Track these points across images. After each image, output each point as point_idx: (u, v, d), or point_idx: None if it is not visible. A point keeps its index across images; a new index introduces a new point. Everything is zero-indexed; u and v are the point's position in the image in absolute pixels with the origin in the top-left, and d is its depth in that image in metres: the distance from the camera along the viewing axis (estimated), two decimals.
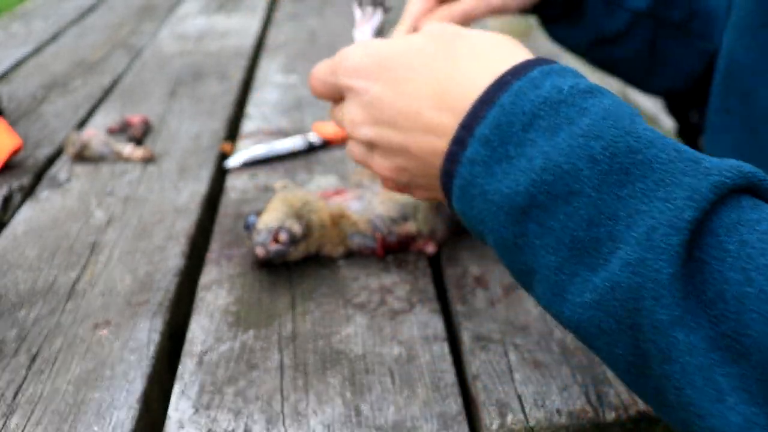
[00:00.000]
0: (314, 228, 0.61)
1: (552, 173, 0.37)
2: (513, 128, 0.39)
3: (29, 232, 0.72)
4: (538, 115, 0.39)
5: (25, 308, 0.60)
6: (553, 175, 0.37)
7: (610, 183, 0.36)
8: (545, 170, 0.37)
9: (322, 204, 0.63)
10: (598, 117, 0.37)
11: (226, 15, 1.56)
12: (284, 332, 0.56)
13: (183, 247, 0.68)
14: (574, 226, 0.37)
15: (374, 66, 0.47)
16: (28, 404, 0.49)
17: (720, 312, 0.32)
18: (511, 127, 0.39)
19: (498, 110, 0.40)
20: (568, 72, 0.41)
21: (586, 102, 0.39)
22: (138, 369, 0.52)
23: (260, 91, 1.09)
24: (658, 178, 0.35)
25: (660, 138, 0.37)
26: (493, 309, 0.57)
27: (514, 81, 0.40)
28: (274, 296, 0.60)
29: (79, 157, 0.86)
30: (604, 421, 0.46)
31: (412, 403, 0.48)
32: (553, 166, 0.37)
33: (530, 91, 0.39)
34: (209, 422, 0.47)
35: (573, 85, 0.39)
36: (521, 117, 0.39)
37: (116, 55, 1.32)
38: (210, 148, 0.90)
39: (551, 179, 0.37)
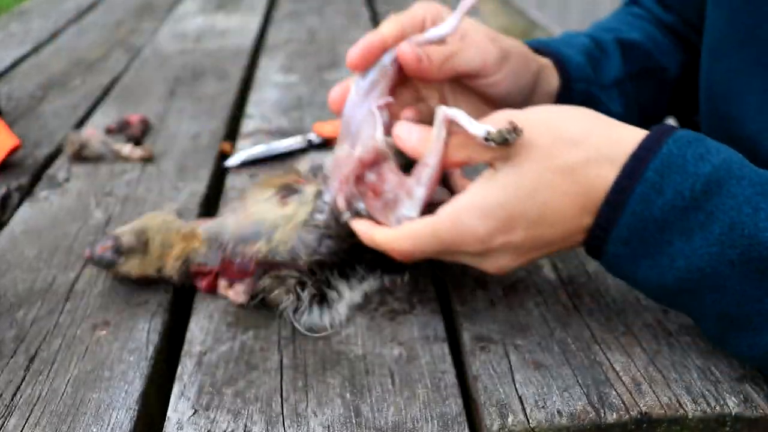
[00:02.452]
0: (153, 247, 0.60)
1: (697, 273, 0.44)
2: (647, 232, 0.45)
3: (28, 232, 0.72)
4: (668, 220, 0.45)
5: (24, 308, 0.60)
6: (698, 275, 0.44)
7: (751, 279, 0.43)
8: (689, 271, 0.44)
9: (177, 227, 0.61)
10: (725, 227, 0.43)
11: (225, 14, 1.56)
12: (284, 332, 0.55)
13: None
14: (723, 307, 0.45)
15: (503, 223, 0.48)
16: (26, 405, 0.49)
17: None
18: (646, 231, 0.45)
19: (630, 216, 0.45)
20: (676, 160, 0.44)
21: (708, 204, 0.44)
22: (137, 370, 0.52)
23: (260, 90, 1.09)
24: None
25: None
26: (493, 309, 0.56)
27: (635, 185, 0.45)
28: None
29: (77, 156, 0.86)
30: (605, 422, 0.45)
31: (412, 404, 0.48)
32: (696, 268, 0.44)
33: (655, 197, 0.45)
34: (208, 423, 0.47)
35: (691, 188, 0.44)
36: (653, 223, 0.45)
37: (115, 54, 1.32)
38: (209, 147, 0.89)
39: (697, 277, 0.44)
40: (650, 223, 0.45)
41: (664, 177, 0.44)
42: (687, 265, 0.45)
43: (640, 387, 0.48)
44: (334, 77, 1.12)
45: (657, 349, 0.51)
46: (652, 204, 0.44)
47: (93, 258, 0.60)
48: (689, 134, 0.46)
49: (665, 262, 0.45)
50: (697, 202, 0.44)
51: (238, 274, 0.58)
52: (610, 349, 0.51)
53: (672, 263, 0.45)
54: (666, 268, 0.45)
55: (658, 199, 0.44)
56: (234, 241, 0.58)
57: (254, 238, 0.57)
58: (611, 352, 0.51)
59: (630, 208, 0.45)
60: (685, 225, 0.44)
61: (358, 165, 0.54)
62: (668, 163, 0.44)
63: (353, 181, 0.54)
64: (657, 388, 0.47)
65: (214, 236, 0.60)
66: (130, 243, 0.60)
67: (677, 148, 0.45)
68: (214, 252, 0.59)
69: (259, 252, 0.57)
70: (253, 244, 0.57)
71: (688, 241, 0.44)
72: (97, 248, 0.60)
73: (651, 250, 0.46)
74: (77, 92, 1.12)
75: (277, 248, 0.57)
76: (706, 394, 0.47)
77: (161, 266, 0.60)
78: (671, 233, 0.45)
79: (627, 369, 0.49)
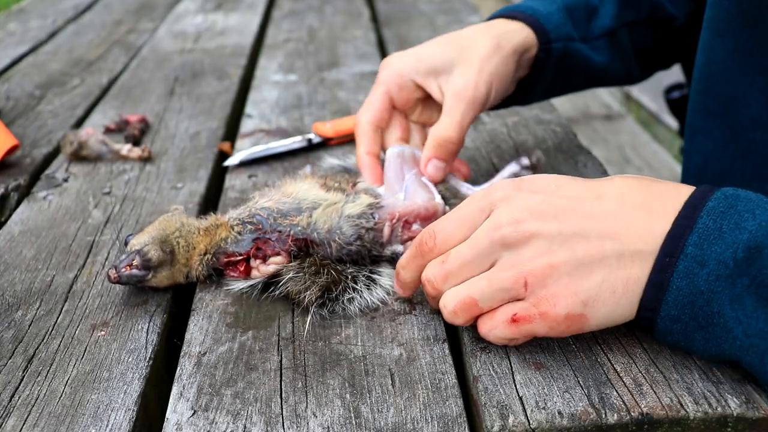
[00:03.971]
0: (179, 253, 0.59)
1: (757, 337, 0.44)
2: (696, 306, 0.45)
3: (26, 232, 0.71)
4: (715, 291, 0.44)
5: (22, 309, 0.59)
6: (759, 338, 0.44)
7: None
8: (748, 336, 0.44)
9: (196, 226, 0.60)
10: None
11: (224, 13, 1.55)
12: (283, 333, 0.55)
13: None
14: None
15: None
16: (24, 406, 0.49)
17: None
18: (694, 305, 0.45)
19: (676, 293, 0.45)
20: (713, 233, 0.45)
21: (752, 269, 0.44)
22: (136, 370, 0.52)
23: (259, 89, 1.09)
24: None
25: None
26: None
27: (677, 262, 0.45)
28: (274, 297, 0.59)
29: (76, 156, 0.86)
30: (606, 423, 0.45)
31: (412, 404, 0.48)
32: (756, 331, 0.44)
33: (698, 270, 0.45)
34: (207, 424, 0.47)
35: (733, 255, 0.44)
36: (701, 296, 0.45)
37: (114, 53, 1.32)
38: (208, 147, 0.89)
39: (757, 342, 0.44)
40: (697, 296, 0.45)
41: (704, 249, 0.45)
42: (744, 330, 0.44)
43: (642, 388, 0.47)
44: (333, 77, 1.12)
45: (658, 349, 0.51)
46: (697, 277, 0.45)
47: (121, 280, 0.57)
48: (722, 202, 0.46)
49: (720, 333, 0.45)
50: (741, 269, 0.44)
51: (272, 251, 0.59)
52: (611, 349, 0.51)
53: (728, 333, 0.45)
54: (722, 339, 0.45)
55: (702, 271, 0.44)
56: (273, 216, 0.59)
57: (295, 213, 0.59)
58: (612, 352, 0.51)
59: (675, 284, 0.45)
60: (734, 293, 0.44)
61: (415, 213, 0.62)
62: (706, 236, 0.45)
63: (402, 222, 0.61)
64: (658, 389, 0.47)
65: (247, 219, 0.59)
66: (159, 256, 0.57)
67: (712, 220, 0.45)
68: (247, 234, 0.59)
69: (298, 225, 0.59)
70: (293, 218, 0.59)
71: (741, 307, 0.44)
72: (121, 268, 0.57)
73: (702, 322, 0.45)
74: (76, 92, 1.12)
75: (316, 224, 0.59)
76: (708, 394, 0.47)
77: (189, 271, 0.60)
78: (720, 303, 0.45)
79: (628, 369, 0.49)
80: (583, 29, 0.75)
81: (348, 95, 1.04)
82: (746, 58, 0.63)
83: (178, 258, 0.59)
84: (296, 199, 0.60)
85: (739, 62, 0.64)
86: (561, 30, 0.72)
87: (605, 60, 0.77)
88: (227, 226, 0.60)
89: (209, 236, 0.60)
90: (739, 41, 0.63)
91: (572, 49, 0.73)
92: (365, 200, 0.61)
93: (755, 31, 0.62)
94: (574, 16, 0.74)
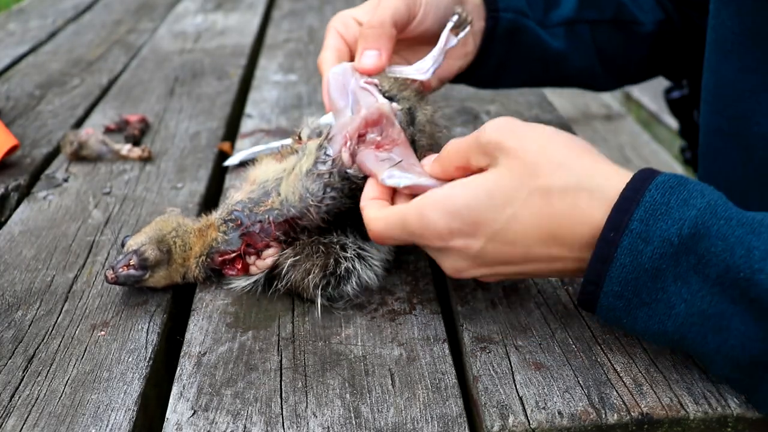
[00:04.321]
0: (176, 253, 0.59)
1: (699, 316, 0.44)
2: (640, 281, 0.45)
3: (26, 232, 0.71)
4: (659, 269, 0.44)
5: (22, 309, 0.59)
6: (700, 318, 0.44)
7: (755, 318, 0.42)
8: (690, 315, 0.44)
9: (191, 226, 0.60)
10: (721, 269, 0.42)
11: (224, 13, 1.55)
12: (283, 333, 0.55)
13: None
14: (728, 350, 0.44)
15: (467, 226, 0.48)
16: (24, 406, 0.49)
17: None
18: (638, 281, 0.45)
19: (619, 269, 0.45)
20: (660, 208, 0.44)
21: (698, 247, 0.43)
22: (136, 370, 0.52)
23: (259, 89, 1.09)
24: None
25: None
26: (494, 310, 0.56)
27: (621, 237, 0.44)
28: (273, 297, 0.59)
29: (76, 156, 0.86)
30: (606, 422, 0.45)
31: (412, 404, 0.48)
32: (698, 311, 0.44)
33: (642, 247, 0.44)
34: (207, 424, 0.47)
35: (678, 233, 0.43)
36: (645, 272, 0.44)
37: (114, 53, 1.32)
38: (208, 147, 0.89)
39: (699, 321, 0.44)
40: (641, 273, 0.44)
41: (649, 225, 0.44)
42: (687, 309, 0.44)
43: (642, 388, 0.47)
44: None
45: (658, 349, 0.51)
46: (641, 254, 0.44)
47: (118, 280, 0.57)
48: (671, 179, 0.45)
49: (662, 310, 0.45)
50: (687, 247, 0.43)
51: (262, 243, 0.59)
52: (611, 349, 0.51)
53: (670, 310, 0.45)
54: (665, 315, 0.45)
55: (646, 249, 0.44)
56: (248, 208, 0.59)
57: (265, 198, 0.59)
58: (612, 352, 0.51)
59: (619, 260, 0.44)
60: (678, 270, 0.44)
61: (363, 123, 0.57)
62: (653, 211, 0.44)
63: (356, 139, 0.57)
64: (658, 389, 0.47)
65: (227, 217, 0.59)
66: (156, 256, 0.58)
67: (660, 194, 0.44)
68: (232, 233, 0.59)
69: (273, 208, 0.58)
70: (265, 203, 0.58)
71: (685, 284, 0.44)
72: (118, 268, 0.57)
73: (646, 299, 0.45)
74: (76, 92, 1.12)
75: (287, 199, 0.58)
76: (708, 394, 0.47)
77: (185, 271, 0.60)
78: (664, 280, 0.44)
79: (628, 369, 0.49)
80: (540, 14, 0.76)
81: None
82: (754, 76, 0.63)
83: (175, 258, 0.59)
84: (260, 183, 0.60)
85: (747, 81, 0.64)
86: (512, 2, 0.73)
87: (562, 47, 0.77)
88: (215, 226, 0.60)
89: (202, 238, 0.60)
90: (745, 60, 0.63)
91: (524, 25, 0.74)
92: (312, 146, 0.59)
93: (760, 49, 0.62)
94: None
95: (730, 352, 0.44)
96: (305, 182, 0.57)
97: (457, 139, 0.51)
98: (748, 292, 0.42)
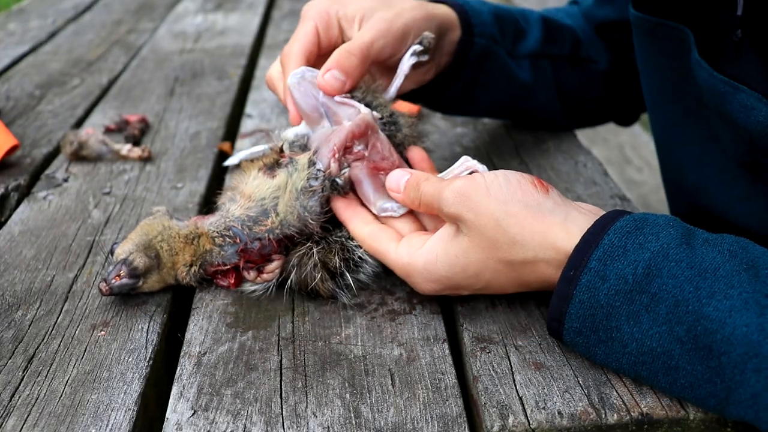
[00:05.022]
0: (164, 257, 0.59)
1: (649, 355, 0.45)
2: (597, 318, 0.47)
3: (26, 232, 0.71)
4: (614, 306, 0.46)
5: (22, 309, 0.59)
6: (650, 357, 0.45)
7: (700, 357, 0.43)
8: (641, 353, 0.45)
9: (176, 230, 0.60)
10: (671, 305, 0.44)
11: (224, 13, 1.55)
12: (283, 333, 0.55)
13: None
14: (679, 390, 0.45)
15: (450, 287, 0.54)
16: (24, 406, 0.49)
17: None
18: (595, 318, 0.47)
19: (578, 306, 0.47)
20: (617, 251, 0.46)
21: (651, 287, 0.45)
22: (136, 370, 0.52)
23: (259, 89, 1.09)
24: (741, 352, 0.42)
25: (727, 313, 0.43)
26: (494, 310, 0.56)
27: (580, 276, 0.47)
28: (273, 297, 0.59)
29: (76, 156, 0.86)
30: (606, 423, 0.45)
31: (412, 404, 0.48)
32: (648, 350, 0.45)
33: (599, 284, 0.46)
34: (207, 424, 0.47)
35: (633, 272, 0.46)
36: (601, 309, 0.46)
37: (114, 53, 1.32)
38: (208, 147, 0.89)
39: (649, 360, 0.45)
40: (597, 309, 0.46)
41: (607, 265, 0.46)
42: (638, 347, 0.45)
43: (642, 388, 0.47)
44: None
45: None
46: (598, 291, 0.46)
47: (113, 291, 0.57)
48: (629, 224, 0.48)
49: (617, 348, 0.47)
50: (640, 286, 0.45)
51: (261, 258, 0.59)
52: None
53: (624, 348, 0.46)
54: (619, 353, 0.47)
55: (603, 286, 0.46)
56: (247, 226, 0.59)
57: (264, 217, 0.59)
58: None
59: (577, 297, 0.47)
60: (632, 309, 0.45)
61: (350, 136, 0.59)
62: (610, 253, 0.46)
63: (342, 151, 0.59)
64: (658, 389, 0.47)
65: (224, 232, 0.59)
66: (145, 263, 0.58)
67: (618, 238, 0.47)
68: (229, 247, 0.59)
69: (272, 228, 0.59)
70: (264, 222, 0.59)
71: (636, 323, 0.45)
72: (111, 280, 0.57)
73: (603, 336, 0.47)
74: (76, 92, 1.12)
75: (286, 219, 0.59)
76: None
77: (176, 274, 0.60)
78: (618, 319, 0.46)
79: None
80: (510, 44, 0.77)
81: None
82: (679, 130, 0.66)
83: (164, 262, 0.59)
84: (257, 201, 0.60)
85: (674, 134, 0.67)
86: (487, 28, 0.73)
87: (528, 79, 0.78)
88: (208, 238, 0.59)
89: (191, 246, 0.59)
90: (669, 115, 0.67)
91: (495, 52, 0.74)
92: (303, 161, 0.60)
93: (678, 105, 0.64)
94: (503, 26, 0.76)
95: (681, 392, 0.45)
96: (302, 200, 0.59)
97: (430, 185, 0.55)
98: (695, 326, 0.43)
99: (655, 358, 0.45)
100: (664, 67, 0.64)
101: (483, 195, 0.51)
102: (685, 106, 0.63)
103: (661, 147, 0.71)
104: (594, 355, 0.48)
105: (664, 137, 0.69)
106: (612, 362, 0.47)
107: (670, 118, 0.66)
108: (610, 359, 0.47)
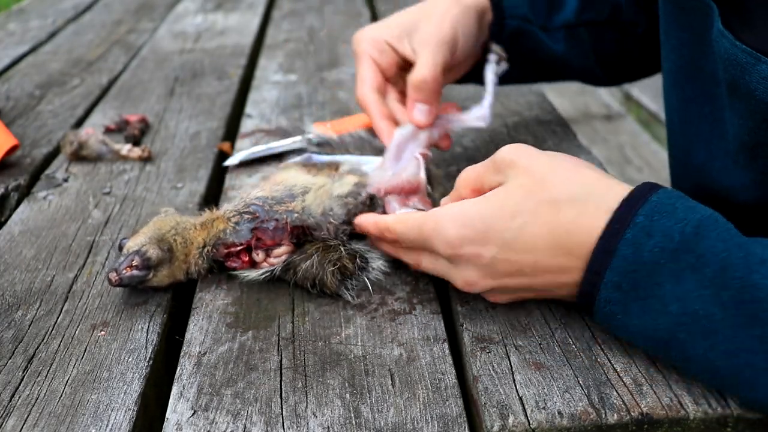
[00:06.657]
0: (177, 250, 0.59)
1: (690, 317, 0.44)
2: (638, 275, 0.46)
3: (26, 232, 0.71)
4: (658, 263, 0.45)
5: (22, 309, 0.59)
6: (691, 318, 0.44)
7: (743, 325, 0.43)
8: (683, 314, 0.44)
9: (191, 223, 0.60)
10: (717, 268, 0.43)
11: (224, 13, 1.55)
12: (283, 333, 0.55)
13: None
14: (715, 356, 0.44)
15: (478, 234, 0.50)
16: (24, 406, 0.49)
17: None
18: (637, 273, 0.46)
19: (621, 260, 0.46)
20: (666, 207, 0.46)
21: (699, 247, 0.44)
22: (136, 370, 0.52)
23: (259, 89, 1.09)
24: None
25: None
26: (494, 310, 0.56)
27: (625, 230, 0.46)
28: (273, 297, 0.59)
29: (76, 156, 0.86)
30: (606, 423, 0.45)
31: (412, 404, 0.48)
32: (691, 311, 0.44)
33: (645, 240, 0.45)
34: (207, 424, 0.47)
35: (681, 230, 0.45)
36: (644, 266, 0.45)
37: (114, 53, 1.32)
38: (208, 147, 0.89)
39: (689, 321, 0.44)
40: (640, 266, 0.46)
41: (654, 221, 0.45)
42: (680, 308, 0.45)
43: (642, 388, 0.47)
44: (333, 77, 1.12)
45: None
46: (642, 247, 0.45)
47: (123, 282, 0.57)
48: (678, 191, 0.48)
49: (657, 306, 0.46)
50: (687, 244, 0.44)
51: (273, 240, 0.59)
52: (611, 349, 0.51)
53: (664, 307, 0.45)
54: (659, 312, 0.46)
55: (647, 242, 0.45)
56: (268, 204, 0.60)
57: (289, 199, 0.60)
58: (612, 352, 0.51)
59: (621, 252, 0.46)
60: (676, 267, 0.45)
61: (400, 188, 0.64)
62: (658, 209, 0.46)
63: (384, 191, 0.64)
64: (658, 389, 0.47)
65: (243, 209, 0.60)
66: (158, 255, 0.58)
67: (667, 197, 0.47)
68: (245, 224, 0.60)
69: (294, 211, 0.60)
70: (287, 204, 0.60)
71: (680, 283, 0.45)
72: (122, 270, 0.57)
73: (642, 293, 0.46)
74: (76, 92, 1.12)
75: (310, 207, 0.60)
76: (708, 394, 0.47)
77: (188, 267, 0.60)
78: (661, 275, 0.45)
79: (628, 369, 0.49)
80: (543, 19, 0.78)
81: (348, 95, 1.04)
82: (693, 106, 0.66)
83: (177, 255, 0.59)
84: (287, 186, 0.62)
85: (688, 110, 0.67)
86: (518, 10, 0.76)
87: (562, 50, 0.80)
88: (224, 218, 0.61)
89: (206, 230, 0.60)
90: (685, 91, 0.66)
91: (527, 30, 0.76)
92: (351, 179, 0.64)
93: (696, 83, 0.64)
94: (534, 3, 0.78)
95: (717, 359, 0.44)
96: (332, 202, 0.61)
97: (471, 165, 0.55)
98: (741, 294, 0.43)
99: (695, 321, 0.44)
100: (685, 43, 0.64)
101: (540, 151, 0.52)
102: (702, 84, 0.63)
103: (673, 125, 0.71)
104: (629, 312, 0.47)
105: (677, 114, 0.69)
106: (647, 320, 0.46)
107: (687, 94, 0.66)
108: (646, 318, 0.46)
